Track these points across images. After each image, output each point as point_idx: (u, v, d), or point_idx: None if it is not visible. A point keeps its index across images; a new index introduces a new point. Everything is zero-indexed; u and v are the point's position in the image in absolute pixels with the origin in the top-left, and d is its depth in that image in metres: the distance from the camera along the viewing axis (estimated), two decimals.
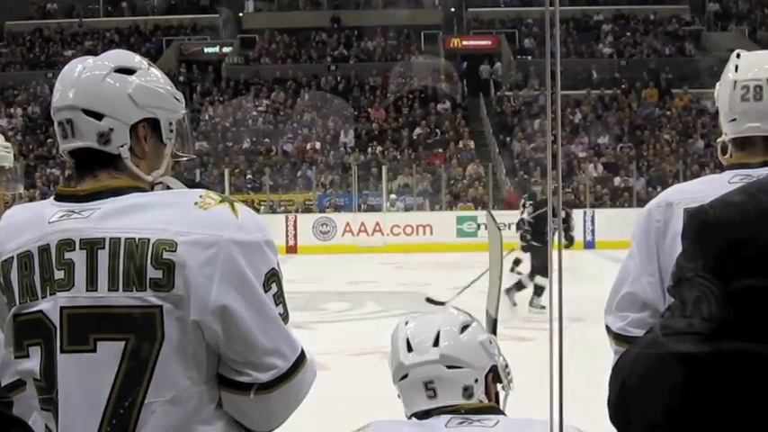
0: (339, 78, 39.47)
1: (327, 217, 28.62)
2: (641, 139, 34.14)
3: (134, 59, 2.31)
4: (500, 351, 2.77)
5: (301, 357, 2.19)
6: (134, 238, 2.08)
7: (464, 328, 2.70)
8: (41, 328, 2.13)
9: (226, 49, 43.08)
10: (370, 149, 34.04)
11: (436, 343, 2.63)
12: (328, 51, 42.47)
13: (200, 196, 2.15)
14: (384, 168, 30.06)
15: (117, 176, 2.23)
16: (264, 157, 33.45)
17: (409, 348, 2.65)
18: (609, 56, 40.70)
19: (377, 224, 28.30)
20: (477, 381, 2.63)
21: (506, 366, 2.77)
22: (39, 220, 2.19)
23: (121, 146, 2.22)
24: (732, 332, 1.37)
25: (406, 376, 2.63)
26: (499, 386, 2.75)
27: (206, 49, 43.04)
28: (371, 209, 29.85)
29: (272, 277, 2.15)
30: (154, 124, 2.27)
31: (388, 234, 27.94)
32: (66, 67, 2.29)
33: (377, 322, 13.91)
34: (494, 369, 2.71)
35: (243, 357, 2.13)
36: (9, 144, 3.64)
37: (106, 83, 2.23)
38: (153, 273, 2.06)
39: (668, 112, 36.08)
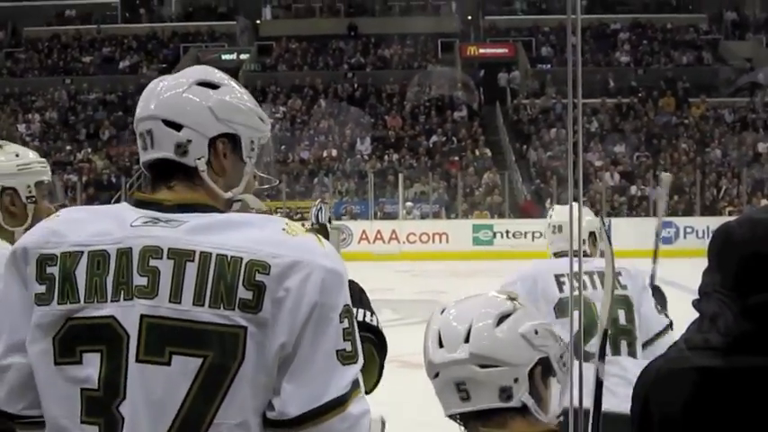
0: (356, 86, 39.53)
1: (344, 224, 28.64)
2: (658, 148, 34.07)
3: (217, 75, 2.30)
4: (558, 338, 2.46)
5: (339, 401, 2.05)
6: (226, 256, 2.03)
7: (501, 319, 2.39)
8: (109, 334, 2.04)
9: (243, 57, 43.18)
10: (386, 157, 34.06)
11: (467, 338, 2.36)
12: (345, 59, 42.54)
13: (287, 223, 2.12)
14: (400, 176, 30.10)
15: (194, 191, 2.19)
16: (281, 165, 33.49)
17: (440, 344, 2.39)
18: (626, 64, 40.65)
19: (393, 232, 28.32)
20: (517, 380, 2.34)
21: (562, 356, 2.43)
22: (117, 221, 2.12)
23: (199, 158, 2.19)
24: (748, 347, 1.36)
25: (437, 375, 2.39)
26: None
27: (223, 56, 43.12)
28: (387, 216, 29.88)
29: (347, 312, 2.09)
30: (234, 141, 2.24)
31: (404, 242, 27.95)
32: (150, 83, 2.29)
33: (393, 330, 13.82)
34: (543, 362, 2.40)
35: (289, 383, 2.03)
36: (44, 160, 3.85)
37: (187, 94, 2.22)
38: (243, 293, 2.00)
39: (685, 121, 36.01)
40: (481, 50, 42.90)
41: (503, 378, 2.33)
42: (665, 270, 8.61)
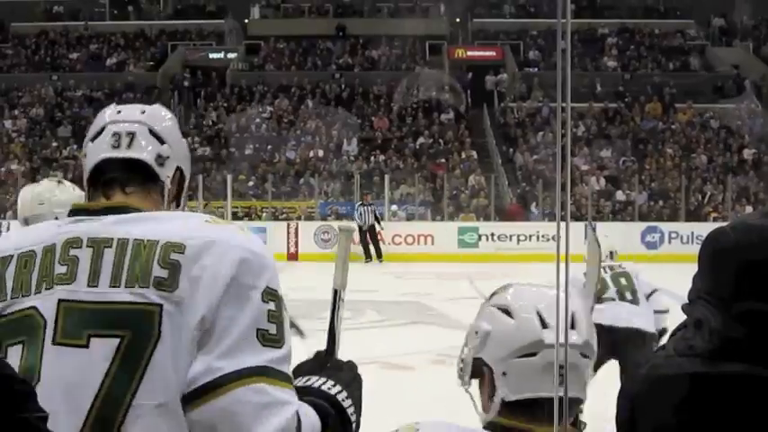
0: (343, 87, 39.50)
1: (329, 225, 28.58)
2: (644, 154, 34.15)
3: None
4: None
5: (254, 371, 2.00)
6: (143, 240, 2.08)
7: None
8: (29, 324, 2.07)
9: (231, 56, 43.11)
10: (373, 158, 34.04)
11: (573, 325, 2.26)
12: (333, 59, 42.52)
13: (211, 218, 2.21)
14: (387, 177, 30.08)
15: (142, 200, 2.27)
16: (267, 165, 33.44)
17: (544, 324, 2.25)
18: (613, 69, 40.73)
19: (378, 233, 28.29)
20: (590, 375, 2.31)
21: None
22: (47, 227, 2.22)
23: (167, 176, 2.34)
24: (732, 354, 1.36)
25: (533, 354, 2.24)
26: None
27: (211, 55, 43.07)
28: None
29: (272, 296, 2.09)
30: (182, 178, 2.42)
31: (390, 243, 27.90)
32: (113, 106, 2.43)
33: (376, 332, 13.90)
34: None
35: (203, 354, 2.02)
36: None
37: (171, 121, 2.44)
38: (159, 271, 2.04)
39: (672, 127, 36.09)
40: (469, 53, 42.94)
41: (588, 369, 2.31)
42: (649, 275, 8.64)
